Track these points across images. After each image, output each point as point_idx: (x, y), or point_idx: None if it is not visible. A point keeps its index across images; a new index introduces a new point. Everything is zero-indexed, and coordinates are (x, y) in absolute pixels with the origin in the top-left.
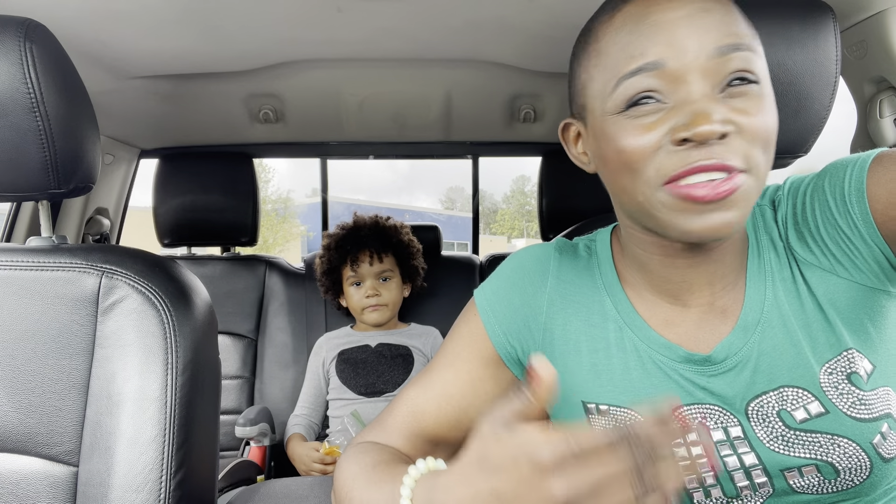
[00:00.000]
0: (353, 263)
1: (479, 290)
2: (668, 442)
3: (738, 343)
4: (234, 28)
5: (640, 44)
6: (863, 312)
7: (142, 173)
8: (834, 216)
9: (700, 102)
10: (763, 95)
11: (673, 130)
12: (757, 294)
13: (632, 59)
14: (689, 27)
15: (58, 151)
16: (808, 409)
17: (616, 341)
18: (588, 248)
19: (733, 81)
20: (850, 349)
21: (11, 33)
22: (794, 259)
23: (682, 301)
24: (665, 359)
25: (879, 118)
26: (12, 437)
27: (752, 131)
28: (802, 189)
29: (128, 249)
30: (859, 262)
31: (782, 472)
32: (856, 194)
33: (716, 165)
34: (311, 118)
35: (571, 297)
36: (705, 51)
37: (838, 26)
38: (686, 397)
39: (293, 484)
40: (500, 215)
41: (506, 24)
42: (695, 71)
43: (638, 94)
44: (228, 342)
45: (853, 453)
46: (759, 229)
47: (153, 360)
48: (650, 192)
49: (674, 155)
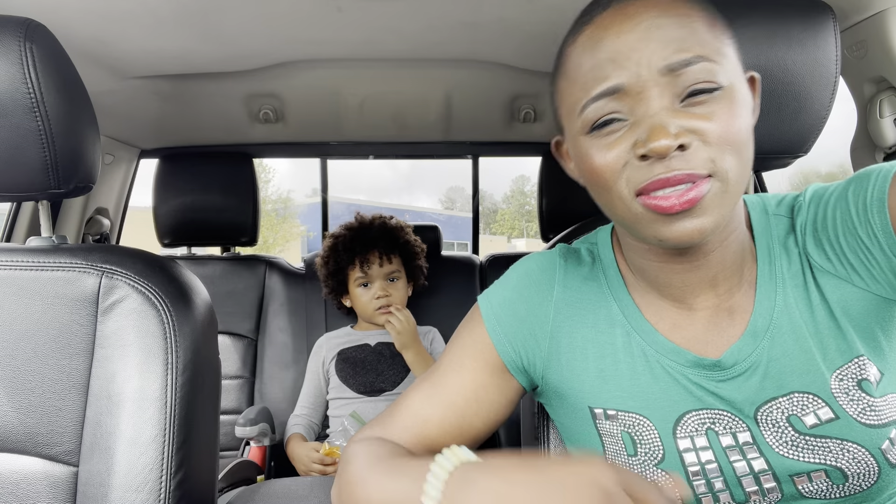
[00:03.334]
0: (363, 264)
1: (484, 297)
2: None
3: (747, 349)
4: (234, 28)
5: (600, 69)
6: (874, 321)
7: (142, 173)
8: (854, 226)
9: (657, 116)
10: (729, 98)
11: (635, 146)
12: (767, 300)
13: (594, 83)
14: (643, 47)
15: (58, 151)
16: (819, 414)
17: (624, 346)
18: (591, 252)
19: (693, 92)
20: (862, 356)
21: (11, 33)
22: (810, 266)
23: (686, 304)
24: (673, 363)
25: (879, 118)
26: (12, 437)
27: (716, 137)
28: (826, 197)
29: (128, 249)
30: (876, 273)
31: (791, 478)
32: (877, 205)
33: (676, 178)
34: (311, 118)
35: (578, 303)
36: (657, 69)
37: (838, 26)
38: (695, 402)
39: (293, 484)
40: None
41: (506, 24)
42: (652, 88)
43: (601, 118)
44: (228, 342)
45: (862, 458)
46: (772, 237)
47: (153, 360)
48: (626, 205)
49: (639, 169)
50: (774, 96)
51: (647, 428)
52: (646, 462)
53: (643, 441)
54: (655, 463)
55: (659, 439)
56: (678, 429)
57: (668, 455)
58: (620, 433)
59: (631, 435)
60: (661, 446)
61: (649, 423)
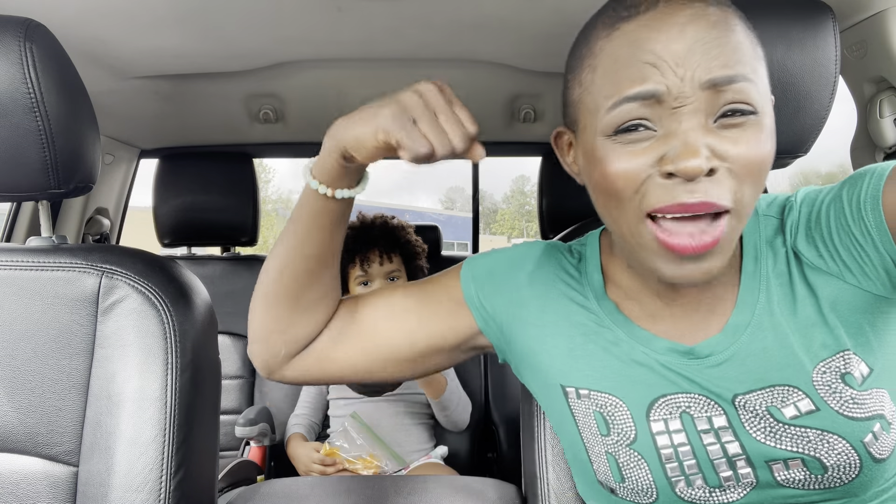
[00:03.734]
0: (364, 263)
1: (467, 259)
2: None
3: (724, 343)
4: (234, 28)
5: (637, 70)
6: (864, 318)
7: (142, 173)
8: (848, 223)
9: (691, 133)
10: (759, 125)
11: (661, 161)
12: (750, 297)
13: (630, 83)
14: (687, 59)
15: (58, 151)
16: (798, 406)
17: (596, 332)
18: (578, 251)
19: (728, 112)
20: (848, 350)
21: (11, 33)
22: (799, 262)
23: (669, 298)
24: (648, 350)
25: (879, 118)
26: (12, 437)
27: (743, 164)
28: (820, 198)
29: (128, 249)
30: (868, 270)
31: (767, 464)
32: (871, 203)
33: (700, 205)
34: (311, 118)
35: (554, 284)
36: (699, 83)
37: (838, 26)
38: (670, 386)
39: (293, 484)
40: (500, 215)
41: (506, 23)
42: (689, 103)
43: (630, 121)
44: (228, 342)
45: (843, 450)
46: (759, 237)
47: (153, 360)
48: (634, 225)
49: (659, 187)
50: (774, 96)
51: (620, 409)
52: (619, 442)
53: (615, 421)
54: (628, 443)
55: (632, 420)
56: (652, 412)
57: (641, 436)
58: (593, 412)
59: (603, 415)
60: (633, 427)
61: (622, 404)
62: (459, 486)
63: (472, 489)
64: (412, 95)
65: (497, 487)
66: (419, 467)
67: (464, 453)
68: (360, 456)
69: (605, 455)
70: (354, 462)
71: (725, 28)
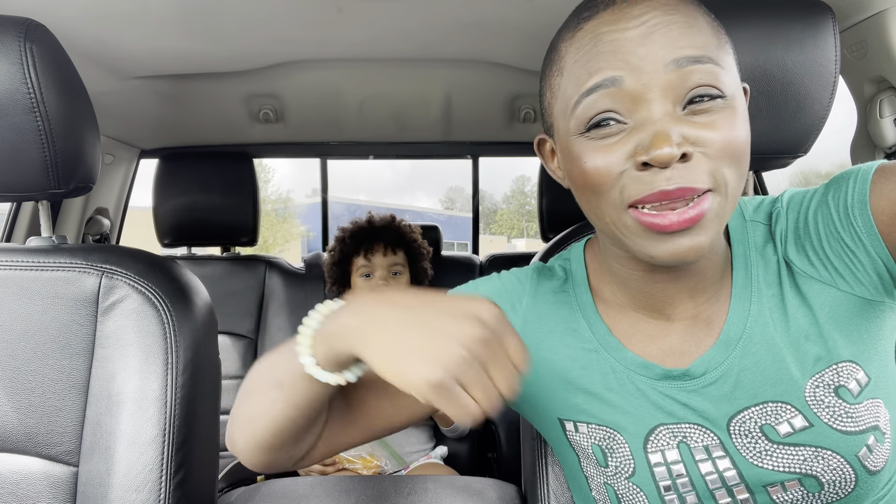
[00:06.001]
0: (367, 252)
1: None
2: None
3: (718, 358)
4: (234, 28)
5: (597, 61)
6: (861, 324)
7: (142, 173)
8: (837, 229)
9: (660, 122)
10: (731, 108)
11: (634, 152)
12: (741, 309)
13: (589, 76)
14: (647, 44)
15: (58, 151)
16: (792, 423)
17: (592, 362)
18: (563, 268)
19: (696, 98)
20: (842, 362)
21: (11, 33)
22: (791, 272)
23: (665, 315)
24: (643, 378)
25: (879, 118)
26: (12, 437)
27: (718, 148)
28: (805, 203)
29: (128, 249)
30: (860, 275)
31: (765, 488)
32: (859, 206)
33: (678, 191)
34: (311, 118)
35: (547, 315)
36: (662, 64)
37: (838, 26)
38: (666, 416)
39: (293, 484)
40: (500, 215)
41: (506, 24)
42: (654, 88)
43: (598, 115)
44: (228, 342)
45: (837, 466)
46: (749, 245)
47: (153, 360)
48: (616, 215)
49: (636, 179)
50: (774, 96)
51: (618, 442)
52: (618, 474)
53: (614, 454)
54: (627, 476)
55: (630, 453)
56: (649, 443)
57: (639, 469)
58: (591, 445)
59: (601, 447)
60: (631, 459)
61: (619, 437)
62: (459, 486)
63: (472, 489)
64: (460, 351)
65: (497, 487)
66: (419, 467)
67: (464, 453)
68: (360, 456)
69: (603, 486)
70: (354, 462)
71: (686, 15)
